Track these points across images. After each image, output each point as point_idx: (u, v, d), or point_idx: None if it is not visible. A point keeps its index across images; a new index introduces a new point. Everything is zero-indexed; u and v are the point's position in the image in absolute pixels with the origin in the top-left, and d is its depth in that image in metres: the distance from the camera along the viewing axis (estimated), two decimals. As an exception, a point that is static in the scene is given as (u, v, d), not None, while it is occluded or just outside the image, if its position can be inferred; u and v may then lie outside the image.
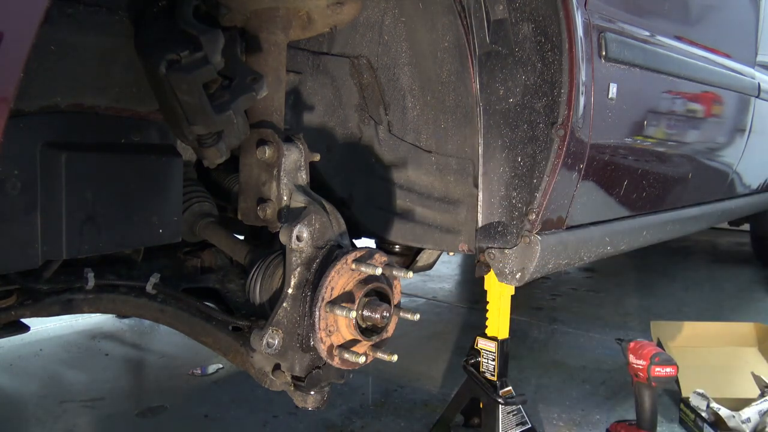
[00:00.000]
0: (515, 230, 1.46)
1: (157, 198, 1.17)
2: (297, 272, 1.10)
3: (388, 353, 1.11)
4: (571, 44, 1.35)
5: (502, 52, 1.41)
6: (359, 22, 1.49)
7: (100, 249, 1.09)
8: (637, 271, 4.43)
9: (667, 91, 1.97)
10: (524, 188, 1.44)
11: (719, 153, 2.54)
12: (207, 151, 1.08)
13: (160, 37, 1.01)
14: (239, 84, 1.04)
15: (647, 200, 1.99)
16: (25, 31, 0.63)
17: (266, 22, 1.19)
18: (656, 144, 1.98)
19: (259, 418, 2.09)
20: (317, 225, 1.12)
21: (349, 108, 1.61)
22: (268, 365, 1.19)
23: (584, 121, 1.45)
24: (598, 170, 1.62)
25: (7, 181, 0.94)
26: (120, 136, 1.13)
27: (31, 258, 0.99)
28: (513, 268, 1.46)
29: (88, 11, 1.02)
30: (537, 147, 1.41)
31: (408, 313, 1.17)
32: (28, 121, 0.98)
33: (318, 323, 1.07)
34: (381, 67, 1.55)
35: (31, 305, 1.22)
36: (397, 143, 1.62)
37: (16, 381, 2.41)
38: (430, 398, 2.26)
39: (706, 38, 2.24)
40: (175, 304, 1.33)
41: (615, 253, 1.90)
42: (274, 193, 1.16)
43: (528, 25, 1.37)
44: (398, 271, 1.11)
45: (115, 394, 2.28)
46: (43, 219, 0.99)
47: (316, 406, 1.20)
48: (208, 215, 1.40)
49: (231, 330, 1.28)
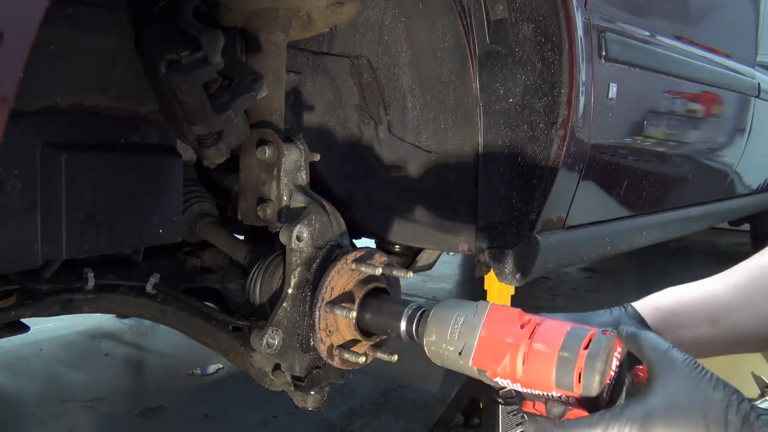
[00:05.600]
0: (515, 230, 1.46)
1: (157, 198, 1.17)
2: (297, 272, 1.10)
3: (388, 353, 1.11)
4: (571, 44, 1.35)
5: (502, 52, 1.41)
6: (359, 22, 1.49)
7: (100, 249, 1.09)
8: (637, 271, 4.43)
9: (667, 91, 1.97)
10: (524, 188, 1.44)
11: (719, 153, 2.55)
12: (207, 151, 1.08)
13: (160, 37, 1.01)
14: (239, 84, 1.04)
15: (647, 200, 1.99)
16: (25, 31, 0.63)
17: (266, 22, 1.19)
18: (656, 144, 1.98)
19: (259, 418, 2.09)
20: (317, 225, 1.12)
21: (349, 108, 1.61)
22: (268, 365, 1.19)
23: (584, 121, 1.45)
24: (598, 170, 1.63)
25: (7, 181, 0.94)
26: (120, 136, 1.13)
27: (31, 258, 0.99)
28: (513, 268, 1.46)
29: (88, 11, 1.02)
30: (537, 147, 1.41)
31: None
32: (28, 121, 0.98)
33: (318, 323, 1.07)
34: (381, 67, 1.55)
35: (31, 305, 1.22)
36: (397, 143, 1.62)
37: (16, 381, 2.41)
38: (430, 398, 2.26)
39: (706, 38, 2.24)
40: (175, 304, 1.33)
41: (615, 253, 1.90)
42: (274, 193, 1.16)
43: (528, 25, 1.37)
44: (398, 271, 1.11)
45: (115, 394, 2.28)
46: (43, 219, 0.99)
47: (316, 406, 1.20)
48: (208, 215, 1.39)
49: (231, 330, 1.28)
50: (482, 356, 0.84)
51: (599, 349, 0.75)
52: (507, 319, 0.84)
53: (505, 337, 0.82)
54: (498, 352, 0.82)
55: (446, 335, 0.88)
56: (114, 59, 1.07)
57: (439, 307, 0.93)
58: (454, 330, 0.88)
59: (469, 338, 0.86)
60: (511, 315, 0.84)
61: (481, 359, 0.84)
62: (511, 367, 0.81)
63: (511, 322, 0.83)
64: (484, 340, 0.84)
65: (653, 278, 4.28)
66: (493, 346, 0.83)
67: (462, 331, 0.87)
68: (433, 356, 0.91)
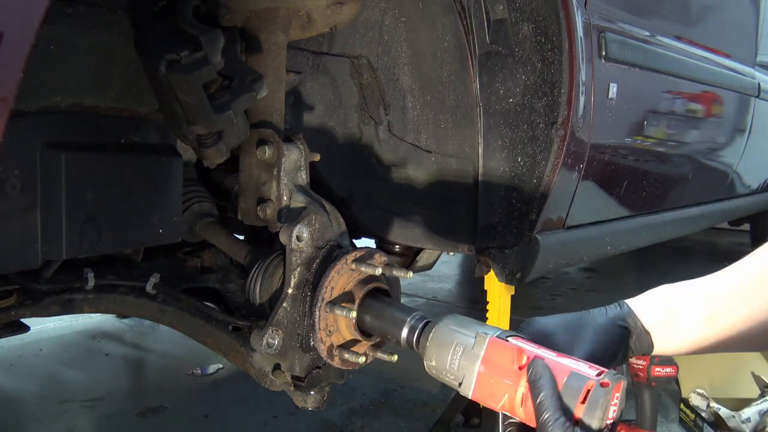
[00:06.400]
0: (515, 230, 1.46)
1: (157, 198, 1.17)
2: (297, 272, 1.10)
3: (388, 353, 1.11)
4: (571, 44, 1.35)
5: (502, 52, 1.41)
6: (359, 22, 1.49)
7: (100, 249, 1.09)
8: (637, 271, 4.43)
9: (667, 91, 1.97)
10: (524, 188, 1.44)
11: (719, 153, 2.55)
12: (207, 151, 1.08)
13: (160, 37, 1.01)
14: (239, 84, 1.04)
15: (647, 200, 1.99)
16: (25, 31, 0.63)
17: (266, 22, 1.19)
18: (656, 144, 1.98)
19: (259, 418, 2.09)
20: (317, 225, 1.12)
21: (349, 108, 1.61)
22: (268, 365, 1.19)
23: (584, 121, 1.45)
24: (598, 170, 1.63)
25: (7, 181, 0.94)
26: (120, 136, 1.13)
27: (31, 258, 0.99)
28: (513, 268, 1.46)
29: (88, 11, 1.02)
30: (537, 147, 1.41)
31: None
32: (28, 121, 0.98)
33: (318, 323, 1.07)
34: (381, 67, 1.55)
35: (31, 305, 1.22)
36: (397, 143, 1.62)
37: (16, 381, 2.41)
38: (430, 398, 2.26)
39: (706, 38, 2.24)
40: (175, 304, 1.32)
41: (615, 253, 1.90)
42: (274, 193, 1.16)
43: (528, 25, 1.37)
44: (398, 271, 1.11)
45: (115, 394, 2.28)
46: (43, 219, 0.99)
47: (316, 406, 1.20)
48: (208, 215, 1.39)
49: (231, 330, 1.28)
50: (481, 393, 0.83)
51: (597, 404, 0.73)
52: (505, 357, 0.82)
53: (503, 377, 0.81)
54: (496, 391, 0.81)
55: (446, 363, 0.87)
56: (114, 59, 1.07)
57: (439, 329, 0.91)
58: (453, 359, 0.86)
59: (468, 372, 0.84)
60: (510, 353, 0.82)
61: (480, 395, 0.83)
62: (510, 406, 0.80)
63: (509, 360, 0.82)
64: (482, 376, 0.83)
65: (653, 278, 4.27)
66: (491, 384, 0.82)
67: (461, 364, 0.85)
68: (433, 376, 0.91)
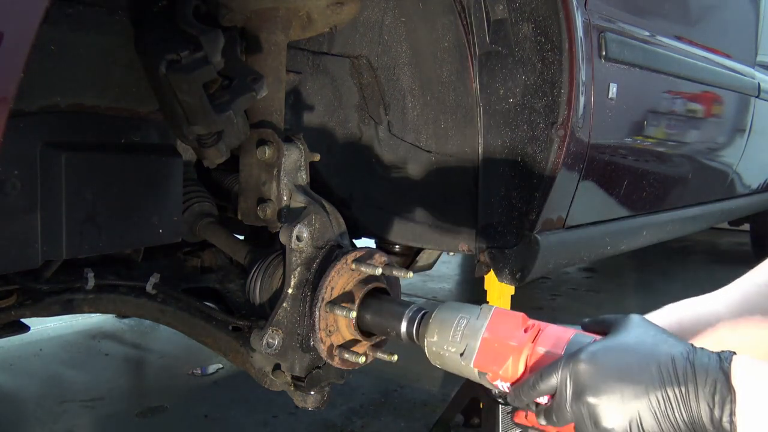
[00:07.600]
0: (515, 230, 1.46)
1: (157, 198, 1.17)
2: (297, 272, 1.10)
3: (388, 353, 1.11)
4: (571, 44, 1.35)
5: (502, 52, 1.41)
6: (359, 22, 1.49)
7: (100, 249, 1.09)
8: (637, 271, 4.43)
9: (667, 91, 1.97)
10: (524, 188, 1.44)
11: (719, 153, 2.55)
12: (207, 151, 1.08)
13: (160, 37, 1.01)
14: (239, 84, 1.04)
15: (647, 200, 1.99)
16: (25, 31, 0.63)
17: (266, 22, 1.19)
18: (656, 144, 1.98)
19: (259, 418, 2.09)
20: (317, 225, 1.12)
21: (349, 108, 1.61)
22: (268, 365, 1.19)
23: (584, 121, 1.45)
24: (598, 170, 1.63)
25: (7, 181, 0.94)
26: (120, 136, 1.13)
27: (31, 258, 0.99)
28: (513, 268, 1.46)
29: (88, 11, 1.02)
30: (537, 147, 1.41)
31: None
32: (28, 121, 0.98)
33: (318, 323, 1.07)
34: (381, 67, 1.55)
35: (31, 305, 1.22)
36: (397, 143, 1.62)
37: (16, 381, 2.41)
38: (430, 398, 2.26)
39: (706, 38, 2.24)
40: (175, 304, 1.32)
41: (615, 253, 1.90)
42: (274, 193, 1.16)
43: (528, 25, 1.37)
44: (398, 271, 1.11)
45: (115, 394, 2.28)
46: (43, 219, 0.99)
47: (316, 406, 1.20)
48: (208, 215, 1.39)
49: (231, 330, 1.28)
50: (484, 358, 0.84)
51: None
52: (510, 323, 0.84)
53: (508, 340, 0.82)
54: (501, 354, 0.82)
55: (448, 336, 0.88)
56: (114, 59, 1.07)
57: (441, 309, 0.93)
58: (456, 331, 0.87)
59: (471, 340, 0.85)
60: (515, 318, 0.84)
61: (483, 361, 0.84)
62: (513, 370, 0.81)
63: (514, 326, 0.83)
64: (486, 342, 0.84)
65: (653, 278, 4.28)
66: (495, 349, 0.83)
67: (465, 333, 0.87)
68: (433, 357, 0.91)
